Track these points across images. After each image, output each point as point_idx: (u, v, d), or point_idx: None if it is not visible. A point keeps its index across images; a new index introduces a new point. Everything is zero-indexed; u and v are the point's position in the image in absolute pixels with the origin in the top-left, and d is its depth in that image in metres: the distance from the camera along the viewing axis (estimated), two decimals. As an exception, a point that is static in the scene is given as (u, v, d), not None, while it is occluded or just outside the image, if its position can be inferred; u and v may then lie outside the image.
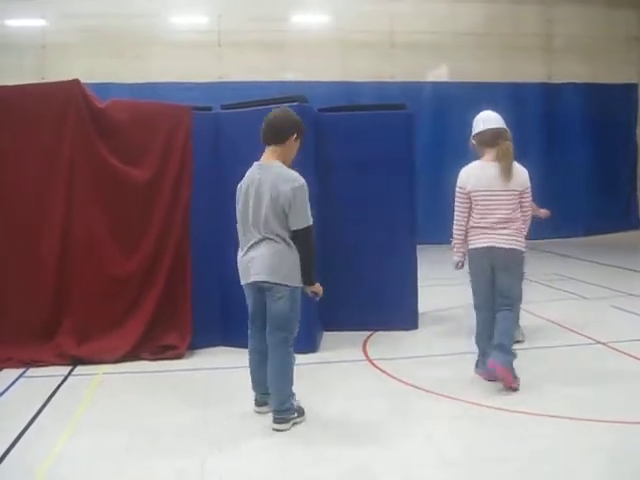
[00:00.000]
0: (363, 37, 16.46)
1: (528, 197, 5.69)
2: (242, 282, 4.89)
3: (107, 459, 4.35)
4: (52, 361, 6.42)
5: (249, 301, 4.92)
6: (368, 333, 7.35)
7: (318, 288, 4.95)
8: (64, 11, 15.38)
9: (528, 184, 5.67)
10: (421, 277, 7.85)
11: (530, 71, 17.36)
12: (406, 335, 7.38)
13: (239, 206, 4.85)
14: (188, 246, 6.83)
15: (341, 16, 16.57)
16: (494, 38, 17.03)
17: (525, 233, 5.73)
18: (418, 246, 7.81)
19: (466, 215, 5.71)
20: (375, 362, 6.40)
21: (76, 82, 6.75)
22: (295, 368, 4.93)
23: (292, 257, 4.72)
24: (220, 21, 16.19)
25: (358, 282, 7.45)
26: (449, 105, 16.67)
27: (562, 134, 17.45)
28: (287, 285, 4.70)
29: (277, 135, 4.81)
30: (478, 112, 6.04)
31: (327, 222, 7.38)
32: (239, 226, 4.86)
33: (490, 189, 5.57)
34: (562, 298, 9.34)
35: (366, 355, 6.67)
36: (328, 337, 7.26)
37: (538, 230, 16.86)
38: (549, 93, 17.52)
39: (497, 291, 5.66)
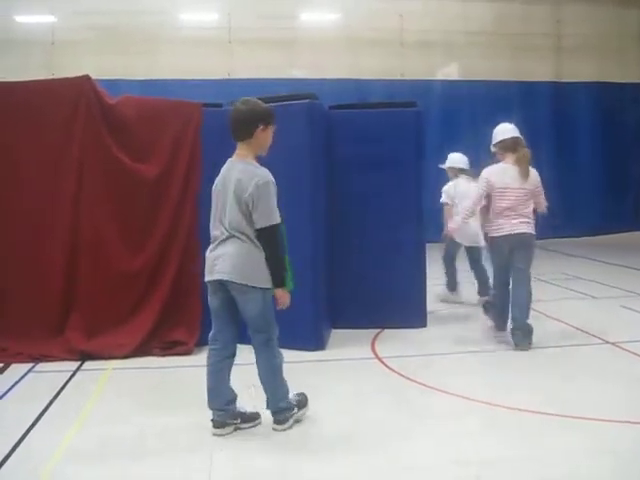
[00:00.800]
0: (373, 35, 16.45)
1: (540, 193, 6.94)
2: (206, 278, 4.68)
3: (115, 455, 4.35)
4: (61, 356, 6.44)
5: (212, 298, 4.69)
6: (377, 331, 7.35)
7: (283, 295, 4.62)
8: (73, 8, 15.40)
9: (538, 183, 6.90)
10: (429, 275, 7.83)
11: (540, 70, 17.33)
12: (415, 333, 7.37)
13: (212, 203, 4.71)
14: (196, 242, 6.82)
15: (351, 14, 16.57)
16: (504, 37, 17.02)
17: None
18: (426, 244, 7.79)
19: (481, 203, 6.89)
20: (384, 360, 6.39)
21: (87, 78, 6.78)
22: (300, 365, 4.92)
23: (260, 257, 4.53)
24: (230, 18, 16.20)
25: (367, 280, 7.44)
26: (459, 103, 16.67)
27: (572, 133, 17.40)
28: (255, 286, 4.52)
29: (242, 131, 4.61)
30: (488, 111, 6.41)
31: (336, 219, 7.40)
32: (210, 222, 4.70)
33: (509, 187, 6.70)
34: (571, 297, 9.31)
35: (375, 353, 6.66)
36: (336, 335, 7.26)
37: (547, 229, 16.87)
38: (559, 92, 17.47)
39: (515, 268, 6.75)
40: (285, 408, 4.74)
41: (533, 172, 6.81)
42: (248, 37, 16.02)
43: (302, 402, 4.89)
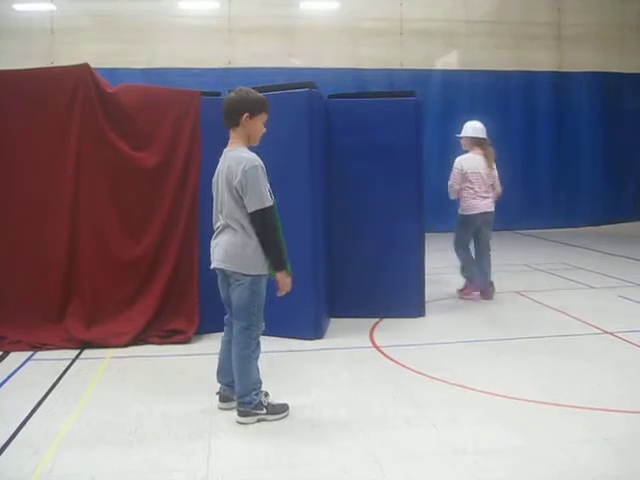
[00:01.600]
0: (373, 24, 16.41)
1: (496, 178, 8.61)
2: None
3: (114, 442, 4.37)
4: (60, 344, 6.45)
5: (220, 285, 4.82)
6: (375, 320, 7.36)
7: (284, 279, 4.65)
8: (73, -5, 15.40)
9: (495, 170, 8.59)
10: (428, 265, 7.84)
11: (541, 60, 17.28)
12: (413, 322, 7.38)
13: (213, 195, 4.78)
14: (196, 231, 6.83)
15: (351, 2, 16.51)
16: (505, 26, 16.97)
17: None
18: (425, 234, 7.80)
19: (459, 185, 8.46)
20: (382, 349, 6.41)
21: (86, 66, 6.75)
22: (299, 353, 4.91)
23: (252, 245, 4.57)
24: (230, 6, 16.16)
25: (366, 269, 7.45)
26: (459, 93, 16.63)
27: (573, 123, 17.37)
28: (245, 274, 4.58)
29: (229, 118, 4.69)
30: (488, 100, 6.63)
31: (334, 209, 7.40)
32: (213, 214, 4.78)
33: (478, 171, 8.41)
34: (570, 287, 9.32)
35: (373, 342, 6.67)
36: (335, 323, 7.27)
37: (547, 219, 16.89)
38: (560, 82, 17.42)
39: (482, 241, 8.60)
40: (248, 402, 4.67)
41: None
42: (248, 26, 15.98)
43: (276, 409, 4.75)
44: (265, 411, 4.70)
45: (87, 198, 6.73)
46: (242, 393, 4.69)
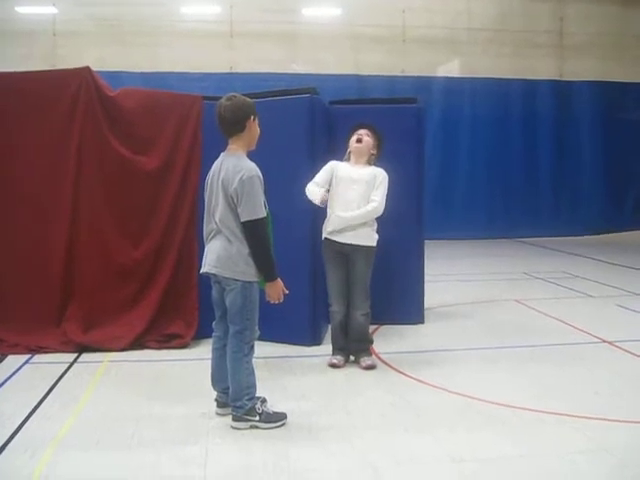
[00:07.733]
0: (375, 31, 16.46)
1: None
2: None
3: (112, 447, 4.36)
4: (58, 348, 6.43)
5: (213, 288, 4.82)
6: (374, 327, 7.33)
7: (275, 288, 4.66)
8: (75, -1, 15.43)
9: None
10: (428, 272, 7.84)
11: (542, 68, 17.34)
12: (412, 329, 7.37)
13: (205, 197, 4.78)
14: (195, 235, 6.81)
15: (353, 9, 16.55)
16: (506, 34, 17.02)
17: None
18: (425, 241, 7.79)
19: None
20: (380, 356, 6.40)
21: (87, 69, 6.76)
22: (297, 360, 4.90)
23: (244, 251, 4.56)
24: (232, 12, 16.19)
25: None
26: (460, 101, 16.67)
27: (574, 132, 17.42)
28: (236, 279, 4.57)
29: (234, 126, 4.65)
30: (489, 108, 6.23)
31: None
32: (204, 217, 4.78)
33: None
34: (569, 296, 9.31)
35: (371, 348, 6.65)
36: (334, 330, 7.26)
37: (547, 227, 16.93)
38: (561, 90, 17.48)
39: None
40: (240, 407, 4.65)
41: None
42: (250, 31, 16.02)
43: (271, 418, 4.69)
44: (258, 418, 4.66)
45: (87, 201, 6.73)
46: (234, 397, 4.68)
